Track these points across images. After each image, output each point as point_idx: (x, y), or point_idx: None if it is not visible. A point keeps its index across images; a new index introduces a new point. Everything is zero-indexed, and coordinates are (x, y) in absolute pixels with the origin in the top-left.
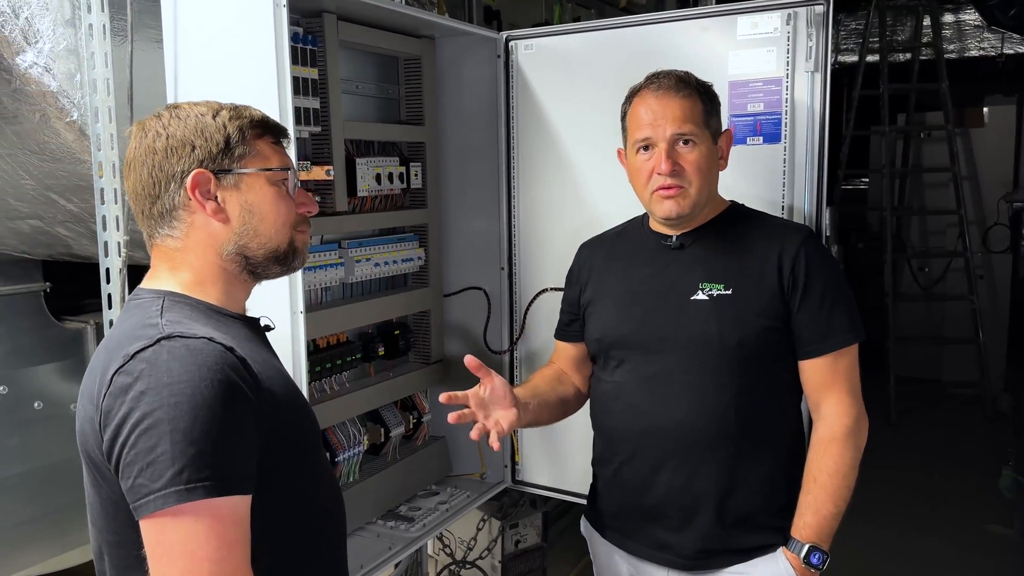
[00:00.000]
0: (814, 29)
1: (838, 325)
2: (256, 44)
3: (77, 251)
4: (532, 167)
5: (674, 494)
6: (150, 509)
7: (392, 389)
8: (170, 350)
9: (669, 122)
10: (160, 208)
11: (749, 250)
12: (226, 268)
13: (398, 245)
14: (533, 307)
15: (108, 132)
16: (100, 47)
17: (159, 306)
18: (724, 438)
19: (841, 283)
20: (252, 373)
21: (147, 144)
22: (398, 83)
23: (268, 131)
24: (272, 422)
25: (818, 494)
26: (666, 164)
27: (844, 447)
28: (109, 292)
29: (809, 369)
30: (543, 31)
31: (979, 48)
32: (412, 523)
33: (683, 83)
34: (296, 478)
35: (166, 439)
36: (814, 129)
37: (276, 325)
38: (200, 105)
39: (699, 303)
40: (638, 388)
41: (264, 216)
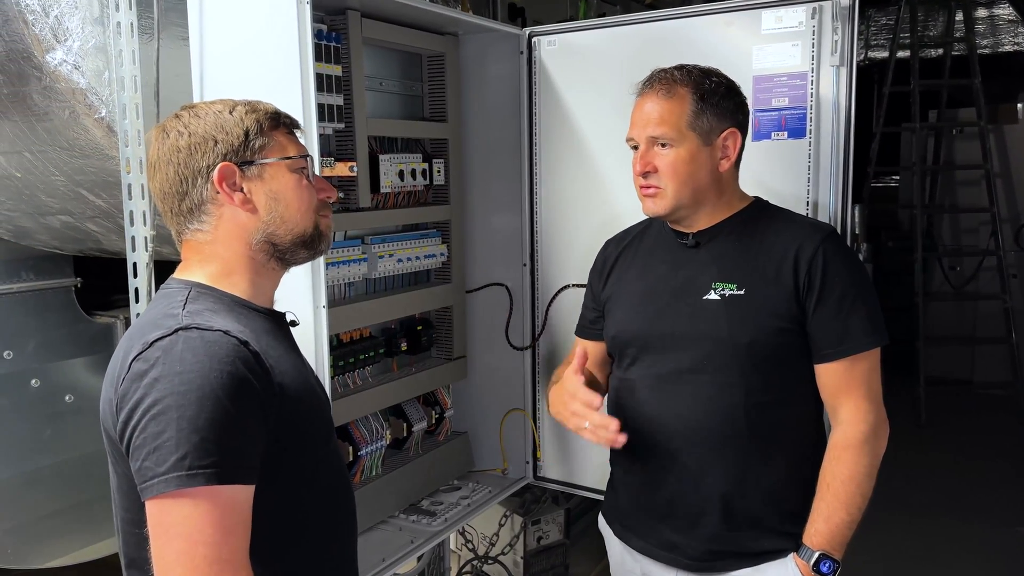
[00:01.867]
0: (840, 23)
1: (856, 329)
2: (280, 41)
3: (107, 246)
4: (555, 163)
5: (682, 494)
6: (153, 491)
7: (415, 384)
8: (186, 340)
9: (646, 124)
10: (189, 204)
11: (766, 249)
12: (254, 257)
13: (421, 241)
14: (555, 303)
15: (136, 128)
16: (128, 45)
17: (184, 296)
18: (733, 439)
19: (863, 285)
20: (264, 367)
21: (170, 143)
22: (421, 80)
23: (282, 123)
24: (281, 416)
25: (831, 501)
26: (639, 164)
27: (859, 454)
28: (136, 286)
29: (825, 373)
30: (566, 27)
31: (1013, 43)
32: (434, 517)
33: (669, 83)
34: (303, 472)
35: (172, 425)
36: (839, 125)
37: (300, 319)
38: (215, 103)
39: (711, 303)
40: (649, 386)
41: (289, 203)
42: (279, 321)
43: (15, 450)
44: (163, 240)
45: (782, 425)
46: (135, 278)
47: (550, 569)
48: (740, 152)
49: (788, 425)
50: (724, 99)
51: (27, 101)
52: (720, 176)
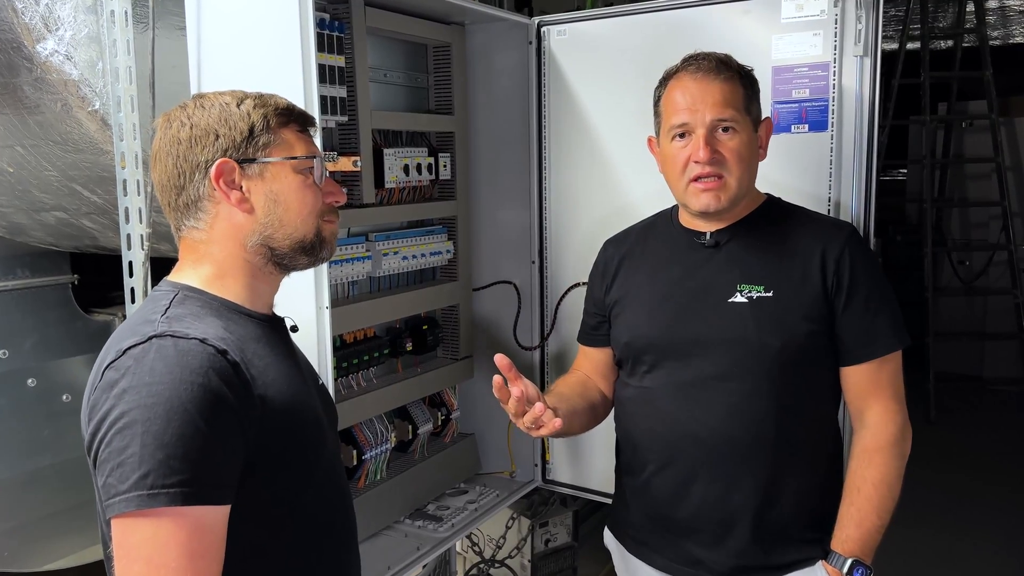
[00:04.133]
0: (864, 11)
1: (884, 329)
2: (281, 31)
3: (103, 243)
4: (565, 157)
5: (708, 507)
6: (114, 510)
7: (420, 385)
8: (158, 349)
9: (709, 107)
10: (185, 199)
11: (790, 249)
12: (250, 261)
13: (426, 238)
14: (564, 302)
15: (131, 122)
16: (122, 34)
17: (168, 301)
18: (762, 448)
19: (885, 285)
20: (243, 378)
21: (172, 134)
22: (427, 71)
23: (294, 119)
24: (263, 430)
25: (862, 505)
26: (704, 151)
27: (890, 456)
28: (132, 286)
29: (853, 376)
30: (576, 16)
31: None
32: (440, 523)
33: (724, 65)
34: (290, 488)
35: (137, 440)
36: (863, 117)
37: (302, 320)
38: (225, 94)
39: (738, 306)
40: (670, 394)
41: (289, 206)
42: (276, 327)
43: (13, 450)
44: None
45: (806, 430)
46: (131, 277)
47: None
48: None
49: (812, 429)
50: (757, 87)
51: (17, 93)
52: (757, 167)
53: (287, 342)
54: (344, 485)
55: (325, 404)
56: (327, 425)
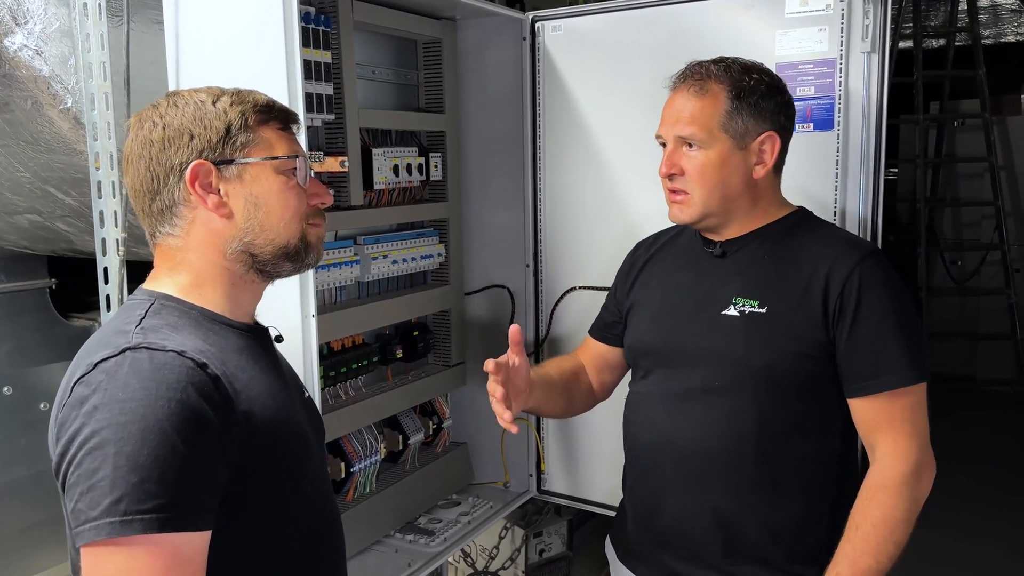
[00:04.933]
0: (871, 6)
1: (895, 362)
2: (264, 25)
3: (80, 247)
4: (560, 157)
5: (683, 520)
6: (85, 538)
7: (411, 393)
8: (132, 362)
9: (674, 122)
10: (160, 204)
11: (795, 266)
12: (230, 268)
13: (417, 241)
14: (560, 306)
15: (105, 120)
16: (95, 28)
17: (144, 310)
18: (741, 468)
19: (903, 313)
20: (225, 393)
21: (143, 136)
22: (417, 68)
23: (274, 116)
24: (246, 448)
25: (858, 544)
26: (663, 166)
27: (895, 497)
28: (108, 293)
29: (860, 408)
30: (572, 11)
31: (1016, 33)
32: (432, 537)
33: (702, 79)
34: (275, 510)
35: (109, 462)
36: (871, 116)
37: (286, 329)
38: (200, 92)
39: (729, 319)
40: (658, 401)
41: (271, 209)
42: (260, 337)
43: None
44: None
45: (800, 459)
46: (106, 284)
47: None
48: (780, 157)
49: (807, 460)
50: (764, 99)
51: None
52: (755, 183)
53: (271, 353)
54: (332, 504)
55: (311, 418)
56: (314, 441)
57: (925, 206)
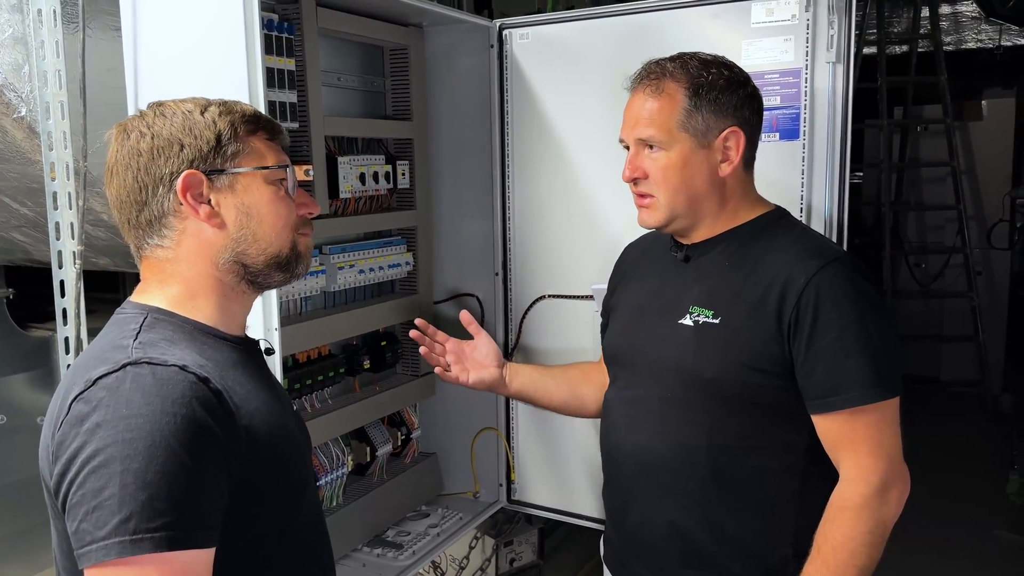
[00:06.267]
0: (836, 16)
1: (856, 377)
2: (225, 32)
3: (37, 257)
4: (529, 166)
5: (643, 528)
6: (92, 559)
7: (379, 405)
8: (134, 378)
9: (633, 124)
10: (148, 216)
11: (753, 275)
12: (222, 279)
13: (384, 250)
14: (530, 315)
15: (60, 130)
16: (50, 35)
17: (138, 324)
18: (694, 481)
19: (868, 324)
20: (227, 408)
21: (130, 146)
22: (384, 75)
23: (261, 127)
24: (247, 464)
25: (819, 566)
26: (626, 170)
27: (856, 518)
28: (64, 307)
29: (822, 426)
30: (540, 19)
31: (977, 40)
32: (401, 550)
33: (658, 78)
34: (274, 524)
35: (115, 481)
36: (836, 126)
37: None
38: (187, 102)
39: (684, 328)
40: (621, 408)
41: (263, 219)
42: (251, 350)
43: None
44: (100, 251)
45: (759, 474)
46: (63, 297)
47: None
48: (748, 153)
49: (767, 475)
50: (724, 93)
51: None
52: (723, 182)
53: (262, 366)
54: (323, 523)
55: (302, 434)
56: (307, 458)
57: (890, 210)
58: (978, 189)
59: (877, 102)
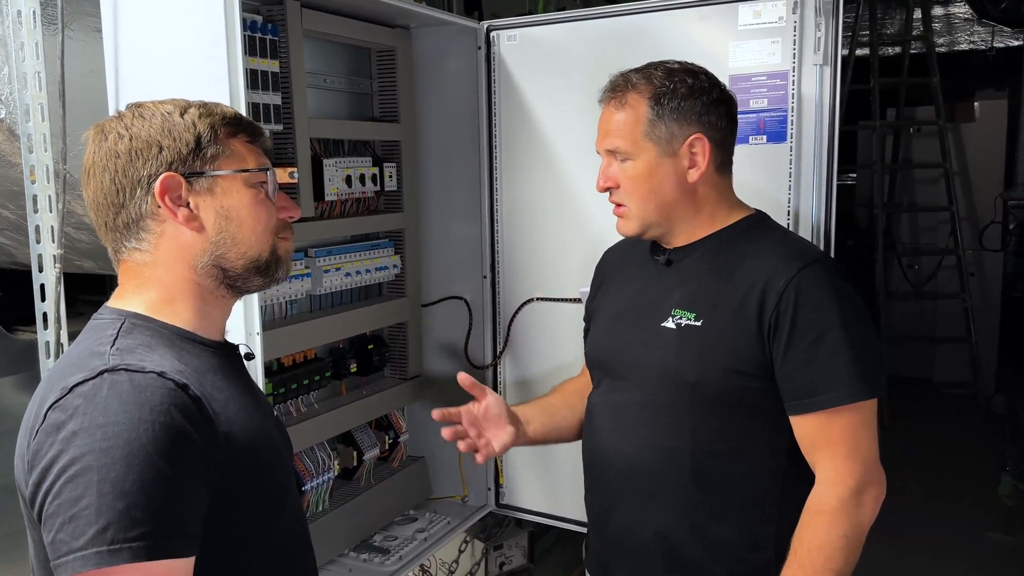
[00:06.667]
0: (823, 18)
1: (834, 378)
2: (206, 33)
3: (21, 259)
4: (517, 168)
5: (626, 534)
6: (68, 570)
7: (366, 408)
8: (111, 385)
9: (602, 136)
10: (125, 218)
11: (734, 278)
12: (201, 283)
13: (371, 252)
14: (518, 318)
15: (40, 132)
16: (30, 37)
17: (115, 330)
18: (677, 485)
19: (848, 327)
20: (206, 415)
21: (108, 147)
22: (371, 77)
23: (242, 129)
24: (227, 472)
25: (795, 570)
26: (599, 181)
27: (832, 522)
28: (45, 311)
29: (799, 428)
30: (527, 20)
31: (969, 42)
32: (387, 555)
33: (622, 90)
34: (255, 530)
35: (93, 490)
36: (823, 128)
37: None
38: (166, 103)
39: (666, 332)
40: (604, 413)
41: (243, 222)
42: (231, 355)
43: None
44: (83, 254)
45: (741, 477)
46: (43, 301)
47: None
48: (719, 158)
49: (749, 478)
50: (686, 100)
51: None
52: (693, 188)
53: (242, 372)
54: (306, 529)
55: (283, 439)
56: (289, 464)
57: (882, 211)
58: (971, 190)
59: (870, 103)
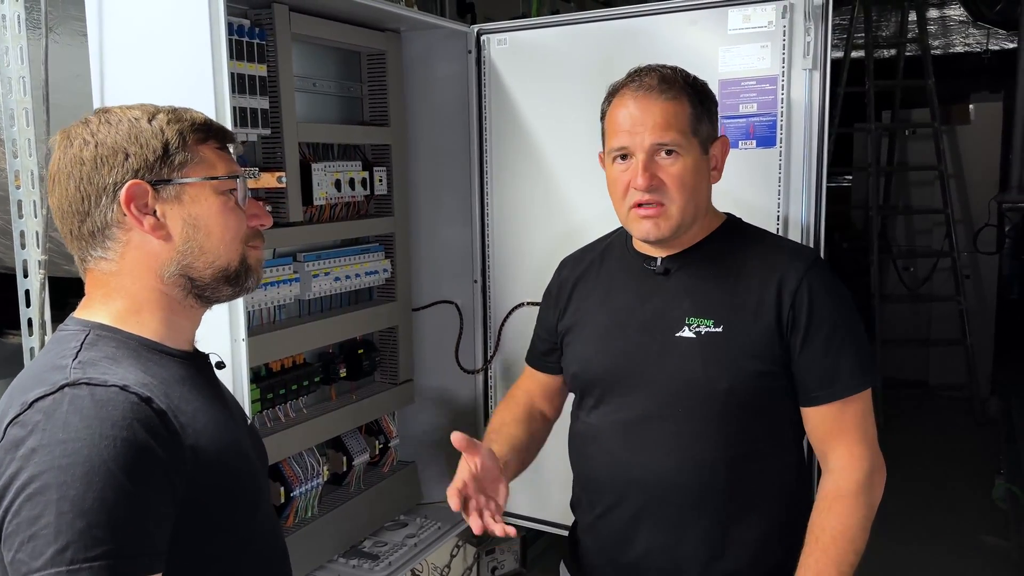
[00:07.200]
0: (812, 23)
1: (847, 369)
2: (191, 37)
3: (9, 264)
4: (507, 172)
5: (655, 554)
6: None
7: (356, 413)
8: (72, 400)
9: (649, 130)
10: (91, 226)
11: (744, 280)
12: (168, 293)
13: (361, 257)
14: (508, 322)
15: (25, 137)
16: (15, 41)
17: (79, 342)
18: (711, 498)
19: (851, 320)
20: (171, 428)
21: (73, 154)
22: (361, 80)
23: (212, 135)
24: (194, 486)
25: (820, 557)
26: (643, 178)
27: (854, 505)
28: (30, 316)
29: (814, 418)
30: (517, 24)
31: (964, 44)
32: (377, 561)
33: (668, 82)
34: (228, 542)
35: (52, 508)
36: (812, 133)
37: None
38: (134, 109)
39: (685, 341)
40: (616, 434)
41: (211, 231)
42: (201, 365)
43: None
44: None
45: (764, 478)
46: (28, 307)
47: None
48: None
49: (769, 476)
50: (713, 103)
51: None
52: (710, 190)
53: (213, 381)
54: (281, 539)
55: (257, 449)
56: (262, 474)
57: (878, 214)
58: (965, 193)
59: (865, 106)
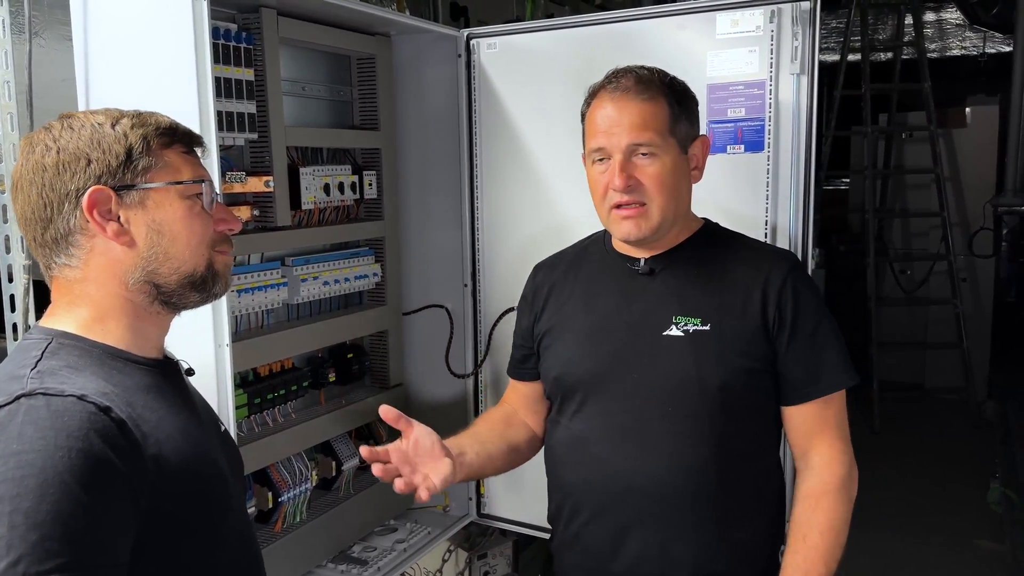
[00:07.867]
0: (800, 28)
1: (829, 366)
2: (175, 41)
3: None
4: (497, 176)
5: (646, 561)
6: None
7: (345, 418)
8: (27, 410)
9: (625, 130)
10: (54, 233)
11: (729, 279)
12: (133, 300)
13: (351, 261)
14: (499, 326)
15: (10, 142)
16: (0, 45)
17: (40, 351)
18: (704, 497)
19: (829, 318)
20: (131, 438)
21: (35, 160)
22: (351, 84)
23: (178, 139)
24: (160, 493)
25: (807, 554)
26: (620, 179)
27: (837, 501)
28: (14, 322)
29: (797, 415)
30: (507, 28)
31: (961, 47)
32: (366, 566)
33: (645, 83)
34: (194, 557)
35: (4, 521)
36: (800, 137)
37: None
38: (98, 113)
39: (673, 340)
40: (605, 438)
41: (176, 236)
42: (169, 373)
43: None
44: None
45: (751, 476)
46: (12, 312)
47: None
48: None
49: (757, 476)
50: (693, 102)
51: None
52: (690, 190)
53: (182, 389)
54: (254, 544)
55: (229, 455)
56: (232, 480)
57: (874, 217)
58: (962, 196)
59: (861, 109)
